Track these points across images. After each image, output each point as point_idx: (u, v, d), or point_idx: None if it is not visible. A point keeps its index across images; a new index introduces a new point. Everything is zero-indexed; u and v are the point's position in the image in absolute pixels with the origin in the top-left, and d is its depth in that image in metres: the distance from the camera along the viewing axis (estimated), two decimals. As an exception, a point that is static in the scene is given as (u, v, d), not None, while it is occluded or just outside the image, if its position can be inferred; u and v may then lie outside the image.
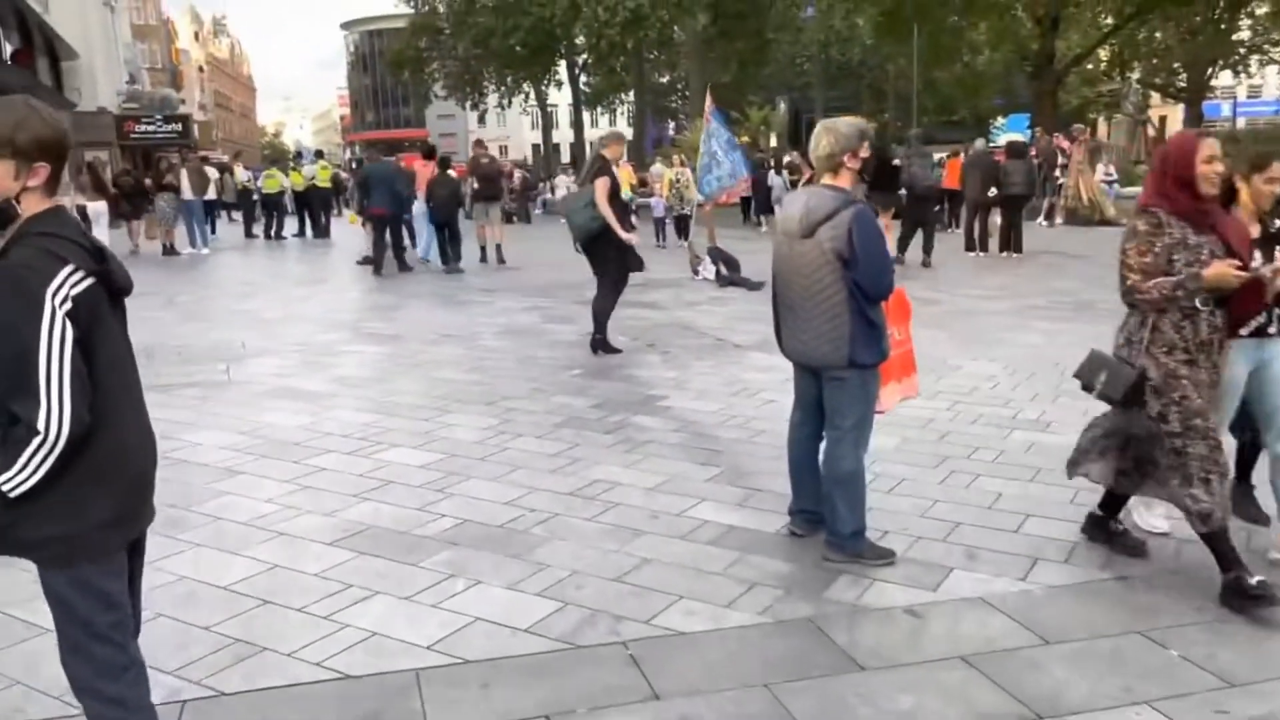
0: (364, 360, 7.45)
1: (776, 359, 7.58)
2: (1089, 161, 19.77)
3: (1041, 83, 41.87)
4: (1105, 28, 45.31)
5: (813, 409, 3.70)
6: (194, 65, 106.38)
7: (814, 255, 3.37)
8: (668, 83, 59.99)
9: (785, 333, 3.68)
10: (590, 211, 7.20)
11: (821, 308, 3.42)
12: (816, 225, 3.35)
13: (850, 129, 3.44)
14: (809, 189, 3.56)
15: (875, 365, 3.48)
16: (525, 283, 12.26)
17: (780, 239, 3.61)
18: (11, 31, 30.07)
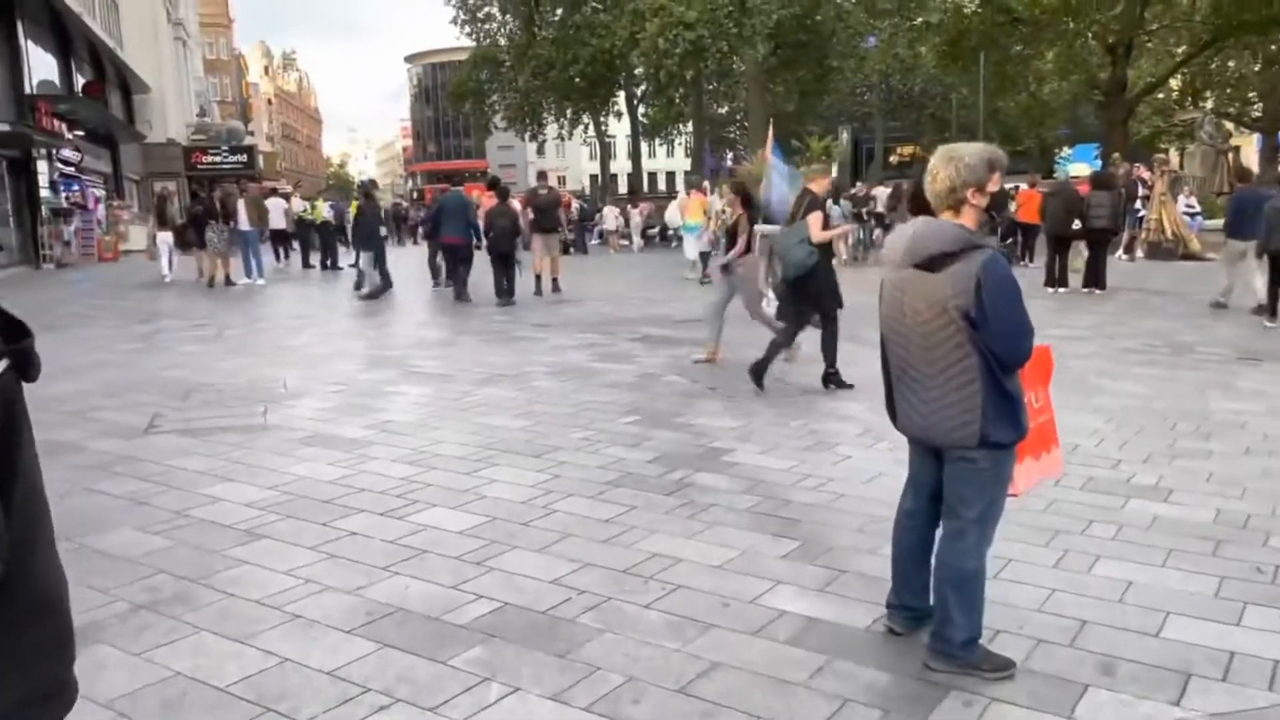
0: (407, 403, 7.01)
1: (850, 405, 7.06)
2: (1170, 193, 18.85)
3: (1112, 112, 40.72)
4: (1178, 56, 44.03)
5: (930, 493, 3.09)
6: (263, 98, 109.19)
7: (935, 314, 2.81)
8: (726, 113, 59.76)
9: (899, 402, 3.08)
10: (807, 248, 7.09)
11: (945, 375, 2.84)
12: (926, 255, 2.79)
13: (976, 158, 2.87)
14: (921, 218, 2.97)
15: (1013, 444, 2.88)
16: (579, 318, 11.81)
17: (888, 284, 3.04)
18: (84, 64, 30.81)
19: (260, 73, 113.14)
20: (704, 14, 29.16)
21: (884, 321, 3.07)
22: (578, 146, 69.53)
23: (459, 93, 46.64)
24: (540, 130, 44.97)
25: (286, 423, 6.41)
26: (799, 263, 7.14)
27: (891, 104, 60.50)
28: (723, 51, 30.39)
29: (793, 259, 7.17)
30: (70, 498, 4.77)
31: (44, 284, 19.18)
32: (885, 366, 3.14)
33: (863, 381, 7.52)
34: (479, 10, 45.36)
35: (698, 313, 12.15)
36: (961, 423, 2.81)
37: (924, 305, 2.83)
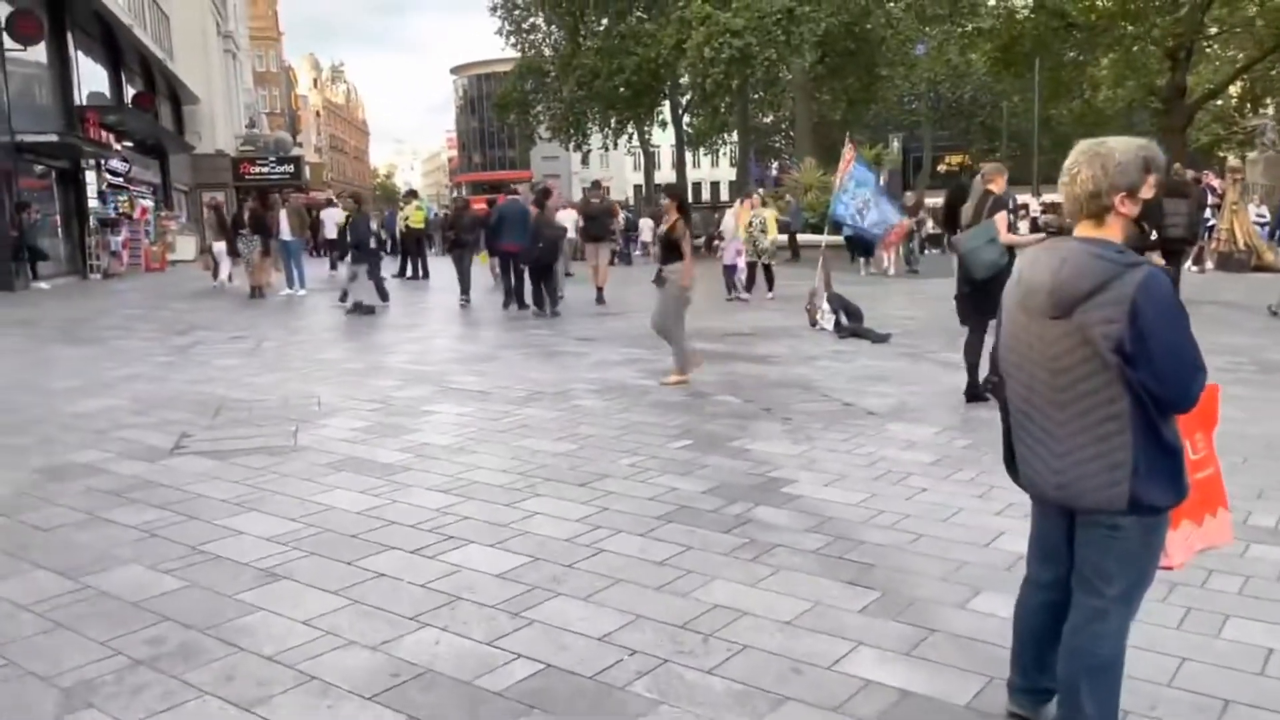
0: (444, 424, 6.63)
1: (919, 430, 6.56)
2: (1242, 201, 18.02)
3: (1171, 119, 39.54)
4: (1239, 61, 42.70)
5: (1060, 563, 2.56)
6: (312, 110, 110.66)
7: (1071, 343, 2.31)
8: (771, 123, 59.17)
9: (1024, 453, 2.54)
10: (999, 247, 6.74)
11: (1085, 421, 2.30)
12: (1075, 303, 2.28)
13: (1128, 156, 2.33)
14: (1061, 245, 2.40)
15: (1169, 508, 2.35)
16: (623, 331, 11.39)
17: (1013, 313, 2.53)
18: (135, 75, 31.13)
19: (309, 85, 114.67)
20: (751, 22, 28.71)
21: (1004, 352, 2.57)
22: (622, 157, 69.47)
23: (504, 103, 46.63)
24: (585, 140, 44.75)
25: (317, 444, 6.06)
26: (991, 263, 6.72)
27: (940, 112, 59.56)
28: (770, 60, 29.88)
29: (984, 259, 6.75)
30: (82, 529, 4.44)
31: (90, 294, 19.21)
32: (1003, 407, 2.65)
33: (930, 402, 7.02)
34: (524, 21, 45.36)
35: (747, 326, 11.73)
36: (1105, 481, 2.30)
37: (1060, 334, 2.33)
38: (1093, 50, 41.10)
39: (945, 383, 7.83)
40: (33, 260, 19.56)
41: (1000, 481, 5.06)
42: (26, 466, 5.58)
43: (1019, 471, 2.61)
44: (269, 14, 77.78)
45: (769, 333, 11.10)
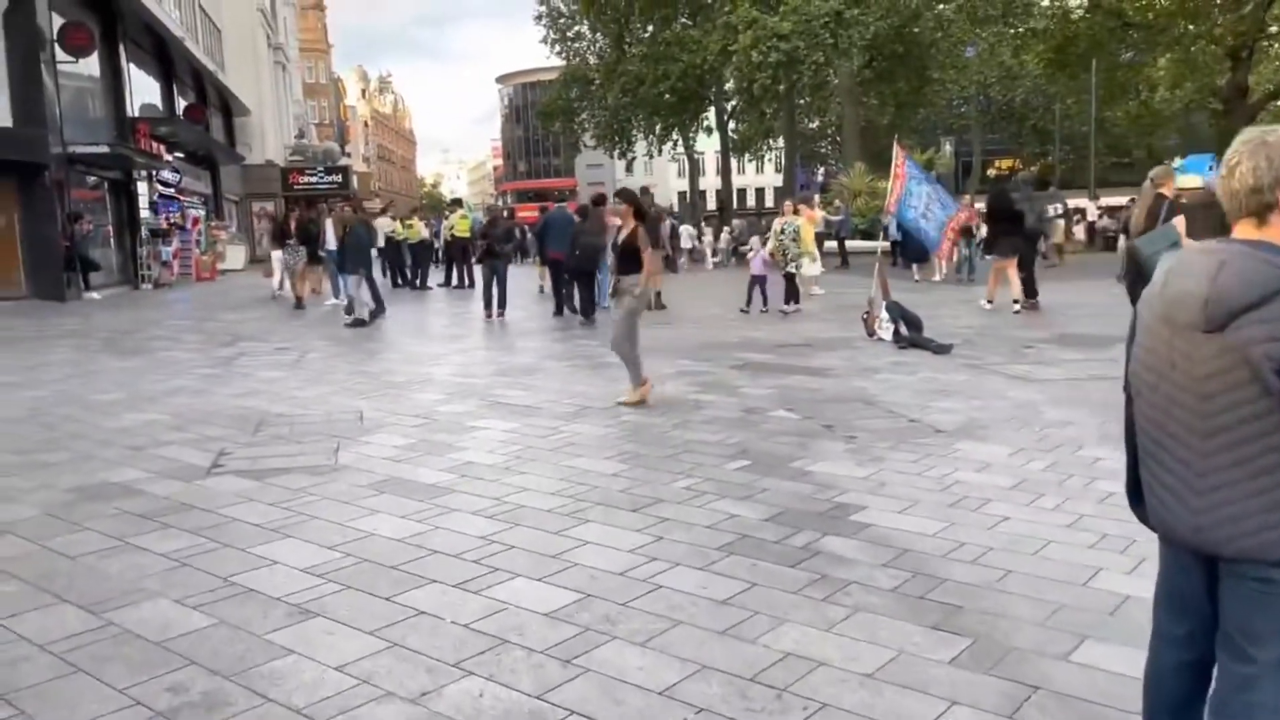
0: (490, 441, 6.36)
1: (992, 450, 6.18)
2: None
3: (1232, 120, 38.33)
4: (1305, 59, 41.34)
5: (1197, 616, 2.18)
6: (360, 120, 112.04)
7: (1226, 363, 1.95)
8: (817, 128, 58.56)
9: (1154, 486, 2.18)
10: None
11: (1236, 454, 1.94)
12: (1234, 316, 1.92)
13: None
14: (1220, 248, 2.04)
15: None
16: (673, 342, 11.07)
17: (1153, 325, 2.16)
18: (187, 88, 31.54)
19: (357, 96, 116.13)
20: (798, 25, 28.35)
21: (1137, 368, 2.20)
22: (666, 163, 69.31)
23: (549, 111, 46.68)
24: (629, 148, 44.59)
25: (358, 463, 5.81)
26: None
27: (990, 116, 58.47)
28: (817, 63, 29.46)
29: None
30: (110, 557, 4.22)
31: (140, 304, 19.34)
32: (1129, 433, 2.28)
33: (1000, 418, 6.60)
34: (569, 30, 45.37)
35: (800, 336, 11.34)
36: (1257, 525, 1.93)
37: (1210, 352, 1.96)
38: (1150, 50, 40.04)
39: (1014, 397, 7.41)
40: (85, 271, 19.74)
41: (1088, 509, 4.69)
42: (60, 485, 5.40)
43: (1145, 507, 2.25)
44: (318, 26, 78.85)
45: (824, 343, 10.71)
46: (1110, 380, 7.92)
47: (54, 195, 18.74)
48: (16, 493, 5.29)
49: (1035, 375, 8.36)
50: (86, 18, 20.94)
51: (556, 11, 45.03)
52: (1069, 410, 6.90)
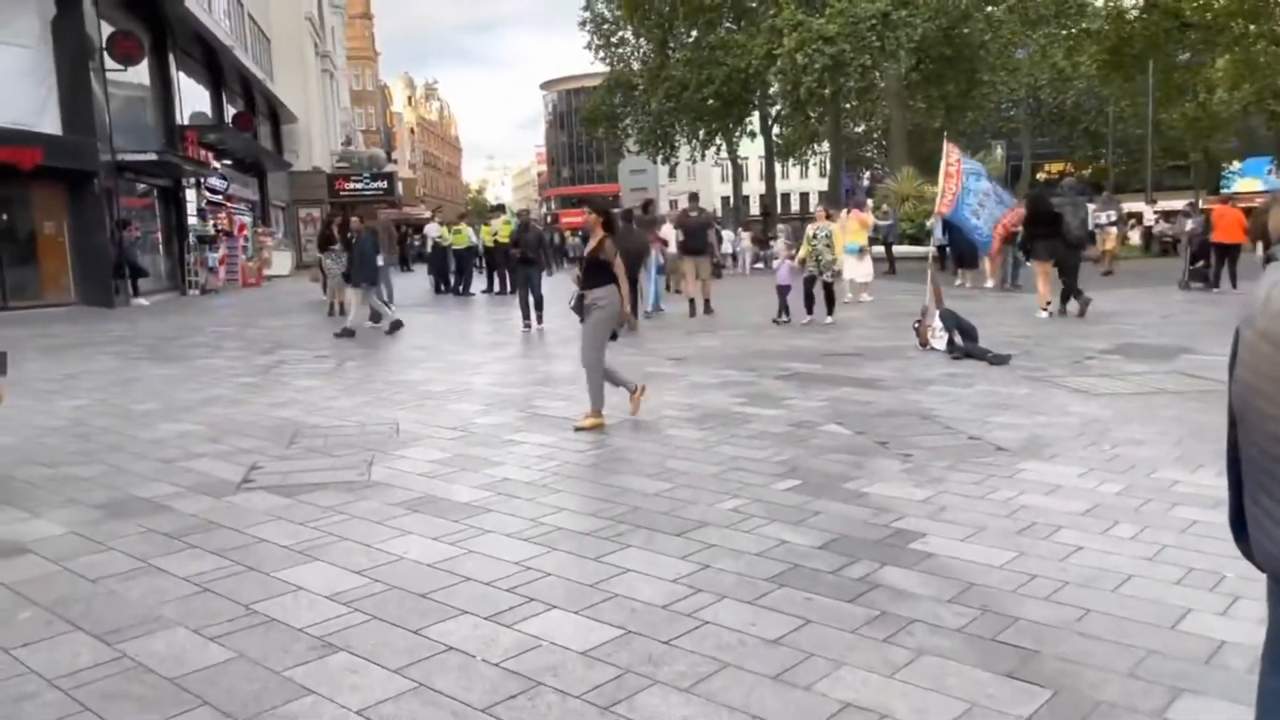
0: (528, 456, 6.13)
1: (1059, 470, 5.73)
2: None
3: (1298, 121, 37.25)
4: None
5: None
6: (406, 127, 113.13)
7: None
8: (862, 132, 57.88)
9: (1262, 521, 1.89)
10: None
11: None
12: None
13: None
14: None
15: None
16: (717, 350, 10.80)
17: (1254, 343, 1.86)
18: (236, 96, 31.88)
19: (404, 102, 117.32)
20: (844, 28, 27.92)
21: (1240, 392, 1.89)
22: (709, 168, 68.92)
23: (592, 117, 46.62)
24: (673, 153, 44.35)
25: (391, 479, 5.61)
26: None
27: (1040, 119, 57.34)
28: (864, 66, 28.99)
29: None
30: (130, 580, 4.04)
31: (185, 310, 19.48)
32: (1232, 460, 1.97)
33: (1066, 436, 6.22)
34: (612, 35, 45.28)
35: (849, 345, 10.99)
36: None
37: None
38: (1209, 51, 38.97)
39: (1078, 412, 7.02)
40: (133, 277, 19.94)
41: (1169, 539, 4.33)
42: (88, 501, 5.26)
43: (1251, 541, 1.93)
44: (365, 35, 79.74)
45: (874, 353, 10.36)
46: (1180, 395, 7.50)
47: (103, 202, 18.95)
48: (45, 507, 5.16)
49: (1100, 389, 7.95)
50: (136, 26, 21.18)
51: (600, 17, 44.97)
52: (1139, 428, 6.51)
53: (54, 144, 17.98)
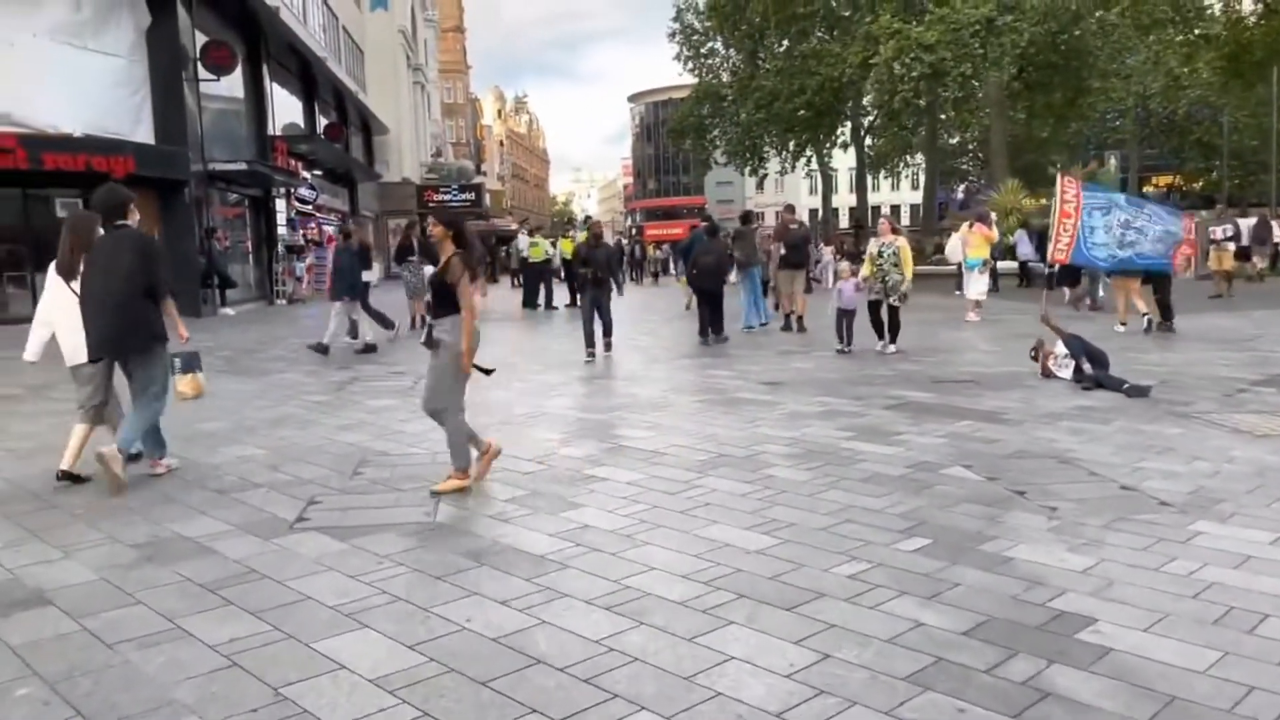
0: (611, 498, 5.46)
1: (1247, 536, 4.48)
2: None
3: None
4: None
5: None
6: (495, 139, 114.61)
7: None
8: (956, 144, 56.06)
9: None
10: None
11: None
12: None
13: None
14: None
15: None
16: (813, 373, 10.00)
17: None
18: (329, 107, 32.22)
19: (494, 115, 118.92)
20: (944, 35, 26.71)
21: None
22: (797, 180, 67.73)
23: (679, 129, 46.04)
24: (761, 164, 43.48)
25: (460, 521, 5.01)
26: None
27: (1149, 129, 54.67)
28: (965, 75, 27.70)
29: None
30: (153, 645, 3.48)
31: (270, 320, 19.44)
32: None
33: (1240, 488, 5.23)
34: (702, 46, 44.69)
35: (963, 372, 10.03)
36: None
37: None
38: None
39: (1247, 458, 6.05)
40: (222, 286, 20.01)
41: None
42: (129, 538, 4.78)
43: None
44: (457, 48, 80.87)
45: (991, 381, 9.42)
46: (1373, 441, 6.45)
47: (193, 211, 19.05)
48: (81, 544, 4.69)
49: (1264, 429, 6.92)
50: (230, 37, 21.37)
51: (690, 29, 44.43)
52: (1327, 480, 5.52)
53: (146, 153, 18.13)
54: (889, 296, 11.73)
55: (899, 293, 11.73)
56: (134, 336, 5.76)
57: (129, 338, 5.76)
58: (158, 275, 5.80)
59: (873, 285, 11.87)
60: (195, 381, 6.55)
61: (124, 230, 5.86)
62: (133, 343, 5.78)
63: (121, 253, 5.71)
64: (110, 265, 5.67)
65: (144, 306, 5.74)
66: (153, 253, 5.91)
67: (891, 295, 11.72)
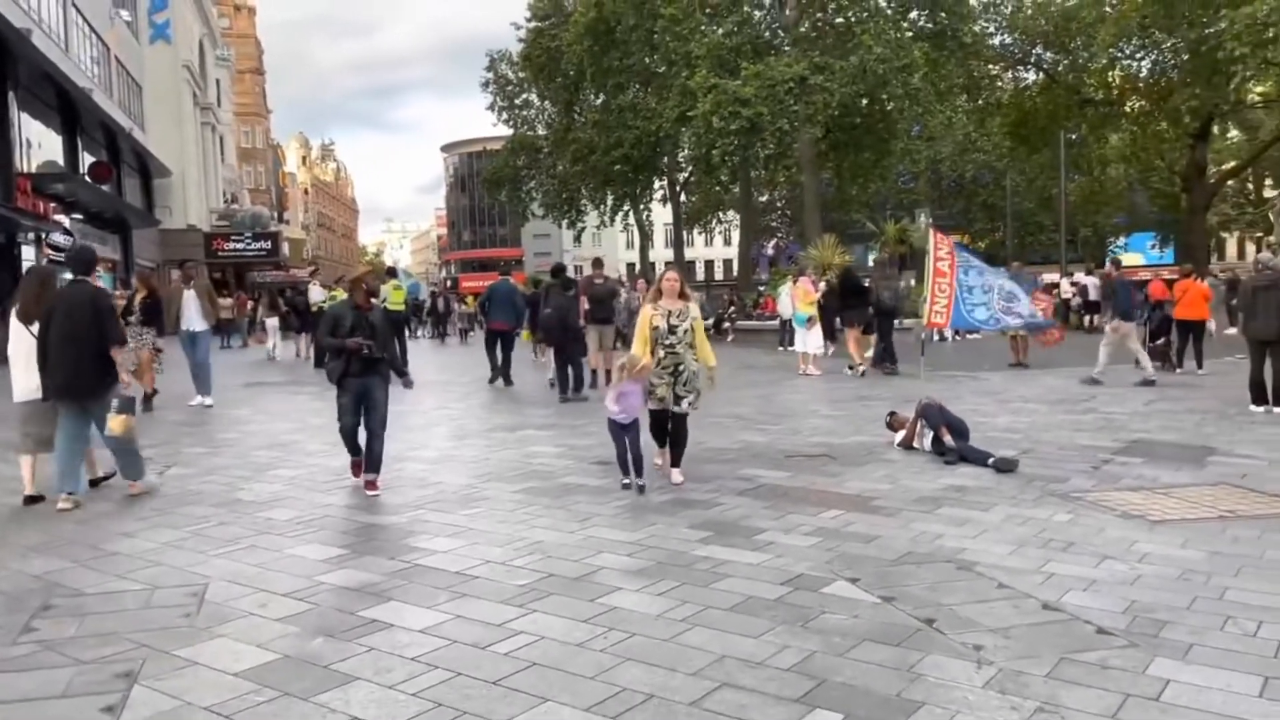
0: (395, 663, 3.90)
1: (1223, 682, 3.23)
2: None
3: (1193, 198, 37.88)
4: (1258, 139, 41.19)
5: None
6: (300, 187, 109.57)
7: None
8: (766, 201, 57.47)
9: None
10: None
11: None
12: None
13: None
14: None
15: None
16: (650, 446, 8.68)
17: None
18: (98, 145, 28.86)
19: (298, 162, 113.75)
20: (760, 91, 26.80)
21: None
22: (615, 234, 67.79)
23: (495, 179, 44.85)
24: (579, 217, 42.77)
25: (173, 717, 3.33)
26: None
27: (939, 191, 57.88)
28: (782, 130, 27.86)
29: None
30: None
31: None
32: None
33: (1176, 598, 4.20)
34: (516, 97, 43.81)
35: (812, 442, 8.98)
36: None
37: None
38: (1106, 127, 39.53)
39: (1156, 554, 5.19)
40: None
41: None
42: None
43: None
44: (256, 90, 76.72)
45: (846, 454, 8.43)
46: (1261, 521, 5.78)
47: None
48: None
49: (1153, 512, 6.15)
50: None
51: (505, 79, 43.48)
52: (1259, 583, 4.68)
53: None
54: (679, 401, 7.24)
55: (694, 393, 7.30)
56: (99, 383, 6.65)
57: (95, 384, 6.64)
58: (114, 328, 6.73)
59: (652, 384, 7.21)
60: (126, 422, 6.81)
61: (84, 285, 6.84)
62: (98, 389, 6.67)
63: (84, 306, 6.58)
64: (74, 315, 6.52)
65: (103, 356, 6.61)
66: (109, 308, 6.87)
67: (684, 399, 7.24)
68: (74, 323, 6.50)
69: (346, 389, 7.10)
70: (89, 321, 6.52)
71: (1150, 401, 11.53)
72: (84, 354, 6.51)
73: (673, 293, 7.43)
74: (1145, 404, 11.33)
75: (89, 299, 6.64)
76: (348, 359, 6.99)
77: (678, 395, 7.24)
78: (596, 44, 34.00)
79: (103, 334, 6.58)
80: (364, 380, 7.07)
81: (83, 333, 6.50)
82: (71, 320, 6.50)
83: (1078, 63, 36.64)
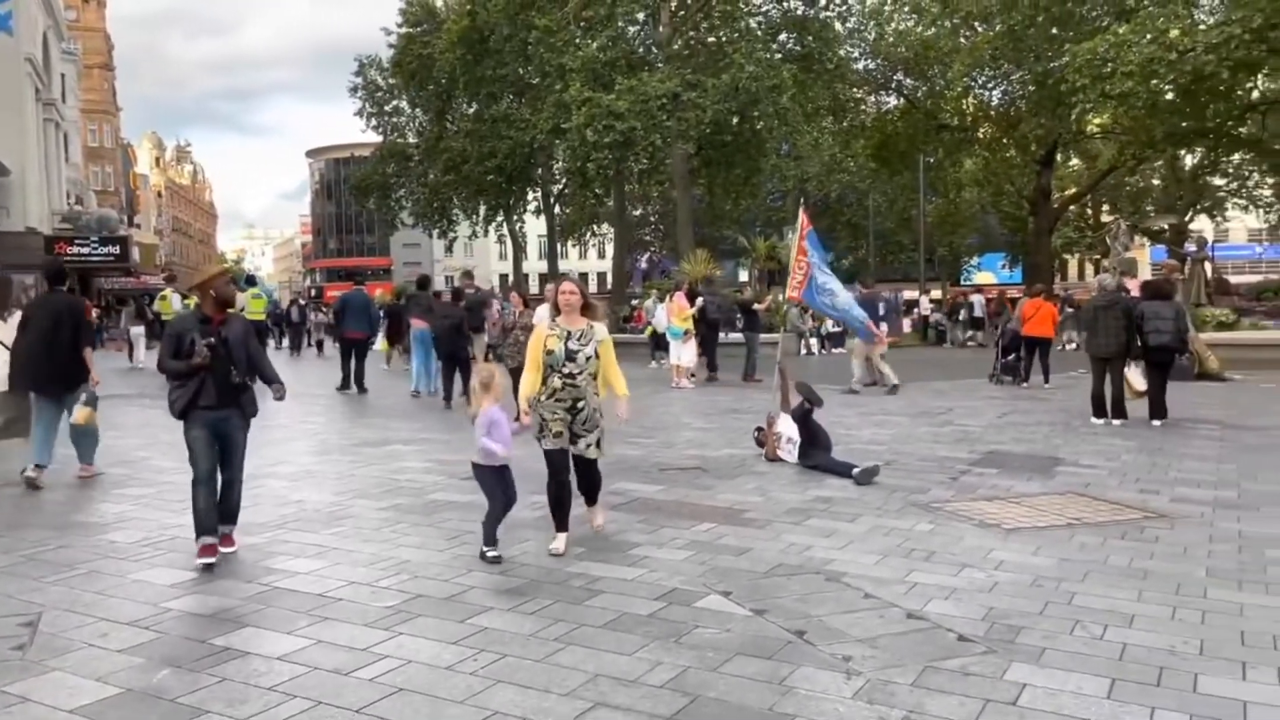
0: (248, 693, 3.68)
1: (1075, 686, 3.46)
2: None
3: (1039, 221, 40.15)
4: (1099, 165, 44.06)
5: None
6: (152, 190, 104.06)
7: None
8: (640, 215, 58.00)
9: None
10: None
11: None
12: None
13: None
14: None
15: None
16: (523, 462, 8.51)
17: None
18: (-79, 140, 26.68)
19: (150, 164, 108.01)
20: (634, 105, 27.01)
21: None
22: (488, 244, 67.01)
23: (363, 187, 43.68)
24: (451, 227, 42.10)
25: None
26: None
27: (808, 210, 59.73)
28: (654, 145, 28.14)
29: None
30: None
31: None
32: None
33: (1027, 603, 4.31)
34: (386, 104, 42.81)
35: (686, 455, 8.98)
36: None
37: None
38: (961, 152, 41.57)
39: (1009, 560, 5.41)
40: None
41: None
42: None
43: None
44: (105, 87, 72.53)
45: (719, 466, 8.51)
46: (1102, 529, 6.09)
47: None
48: None
49: (1006, 520, 6.44)
50: None
51: (374, 85, 42.41)
52: (1105, 589, 4.93)
53: None
54: (575, 441, 5.89)
55: (595, 431, 5.93)
56: (74, 379, 7.69)
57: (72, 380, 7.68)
58: (88, 333, 7.82)
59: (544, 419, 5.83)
60: (90, 414, 7.74)
61: (61, 294, 7.88)
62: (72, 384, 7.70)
63: (63, 312, 7.60)
64: (54, 319, 7.51)
65: (77, 355, 7.62)
66: (83, 311, 7.85)
67: (581, 439, 5.89)
68: (55, 326, 7.52)
69: (196, 421, 5.50)
70: (68, 325, 7.57)
71: (1004, 414, 12.11)
72: (64, 354, 7.54)
73: (572, 308, 5.90)
74: (999, 416, 11.89)
75: (67, 307, 7.74)
76: (199, 384, 5.43)
77: (574, 434, 5.84)
78: (470, 53, 33.60)
79: (78, 337, 7.64)
80: (220, 414, 5.54)
81: (64, 336, 7.54)
82: (53, 324, 7.52)
83: (935, 90, 38.35)
